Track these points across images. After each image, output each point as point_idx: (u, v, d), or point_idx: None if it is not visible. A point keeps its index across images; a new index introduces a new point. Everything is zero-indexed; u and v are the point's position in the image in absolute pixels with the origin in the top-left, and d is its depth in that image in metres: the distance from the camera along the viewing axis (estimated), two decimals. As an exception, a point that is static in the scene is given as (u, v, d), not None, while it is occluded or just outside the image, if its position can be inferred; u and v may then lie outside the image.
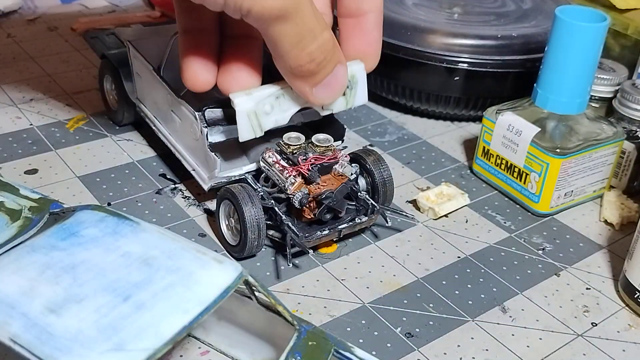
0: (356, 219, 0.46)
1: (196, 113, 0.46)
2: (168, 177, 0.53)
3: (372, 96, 0.67)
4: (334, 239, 0.47)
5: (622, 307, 0.45)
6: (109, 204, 0.50)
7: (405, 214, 0.50)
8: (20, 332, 0.29)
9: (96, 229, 0.35)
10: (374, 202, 0.47)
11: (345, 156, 0.47)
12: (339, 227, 0.46)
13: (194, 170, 0.49)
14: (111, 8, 0.82)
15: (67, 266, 0.33)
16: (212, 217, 0.50)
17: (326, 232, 0.45)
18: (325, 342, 0.34)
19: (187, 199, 0.51)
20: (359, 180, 0.48)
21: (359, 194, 0.47)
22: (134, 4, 0.84)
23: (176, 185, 0.52)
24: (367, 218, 0.47)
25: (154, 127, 0.54)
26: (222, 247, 0.47)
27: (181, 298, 0.31)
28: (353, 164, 0.47)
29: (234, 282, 0.33)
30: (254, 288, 0.36)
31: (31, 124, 0.58)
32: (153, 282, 0.32)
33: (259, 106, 0.44)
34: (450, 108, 0.62)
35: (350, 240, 0.49)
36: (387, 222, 0.47)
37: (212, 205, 0.51)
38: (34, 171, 0.53)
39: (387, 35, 0.60)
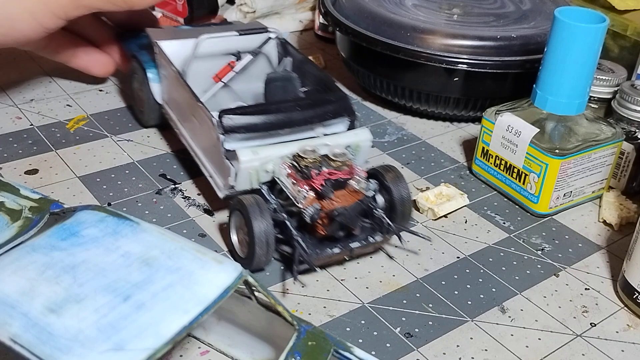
0: (370, 238, 0.45)
1: (214, 119, 0.45)
2: (168, 177, 0.53)
3: (372, 96, 0.67)
4: (346, 258, 0.46)
5: (621, 307, 0.45)
6: (109, 204, 0.50)
7: (421, 235, 0.47)
8: (20, 332, 0.29)
9: (96, 229, 0.35)
10: (389, 221, 0.45)
11: (362, 172, 0.45)
12: (351, 245, 0.44)
13: (211, 177, 0.48)
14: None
15: (67, 266, 0.33)
16: (211, 217, 0.50)
17: (337, 250, 0.44)
18: (324, 342, 0.35)
19: (187, 199, 0.51)
20: (377, 198, 0.47)
21: (374, 211, 0.45)
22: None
23: (176, 186, 0.53)
24: (381, 237, 0.45)
25: (176, 130, 0.54)
26: (233, 258, 0.46)
27: (181, 298, 0.31)
28: (372, 180, 0.46)
29: (234, 282, 0.33)
30: (253, 288, 0.36)
31: (31, 124, 0.59)
32: (153, 282, 0.32)
33: (262, 165, 0.45)
34: (450, 109, 0.63)
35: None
36: (401, 242, 0.46)
37: (211, 205, 0.51)
38: (34, 171, 0.53)
39: (387, 36, 0.60)
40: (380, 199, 0.47)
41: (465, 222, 0.52)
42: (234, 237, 0.45)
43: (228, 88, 0.57)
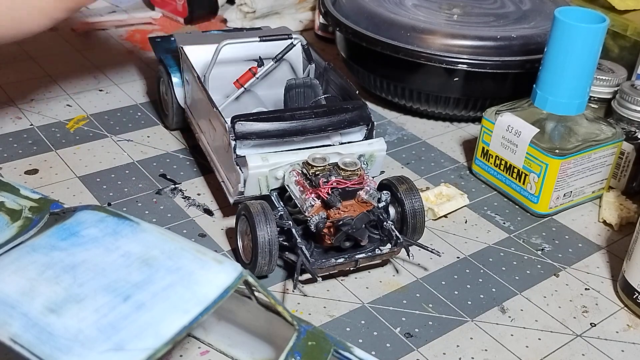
0: (377, 249, 0.44)
1: (227, 124, 0.45)
2: (168, 177, 0.53)
3: (372, 96, 0.67)
4: (350, 269, 0.45)
5: (620, 307, 0.45)
6: (109, 204, 0.50)
7: (430, 250, 0.46)
8: (20, 332, 0.29)
9: (96, 229, 0.35)
10: (398, 234, 0.44)
11: (373, 182, 0.44)
12: (356, 256, 0.43)
13: (222, 182, 0.48)
14: (111, 8, 0.82)
15: (67, 266, 0.33)
16: (211, 217, 0.50)
17: (341, 260, 0.43)
18: (324, 342, 0.34)
19: (187, 199, 0.51)
20: (389, 209, 0.46)
21: (384, 223, 0.44)
22: (134, 5, 0.84)
23: (176, 186, 0.53)
24: (388, 250, 0.44)
25: (196, 135, 0.54)
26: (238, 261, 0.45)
27: (181, 298, 0.31)
28: (384, 192, 0.45)
29: (234, 282, 0.33)
30: (253, 288, 0.36)
31: (31, 124, 0.59)
32: (153, 282, 0.32)
33: (271, 172, 0.45)
34: (450, 109, 0.63)
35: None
36: (409, 256, 0.44)
37: (211, 206, 0.51)
38: (34, 171, 0.53)
39: (387, 36, 0.60)
40: (392, 211, 0.46)
41: (465, 222, 0.52)
42: (240, 242, 0.45)
43: (252, 93, 0.57)
